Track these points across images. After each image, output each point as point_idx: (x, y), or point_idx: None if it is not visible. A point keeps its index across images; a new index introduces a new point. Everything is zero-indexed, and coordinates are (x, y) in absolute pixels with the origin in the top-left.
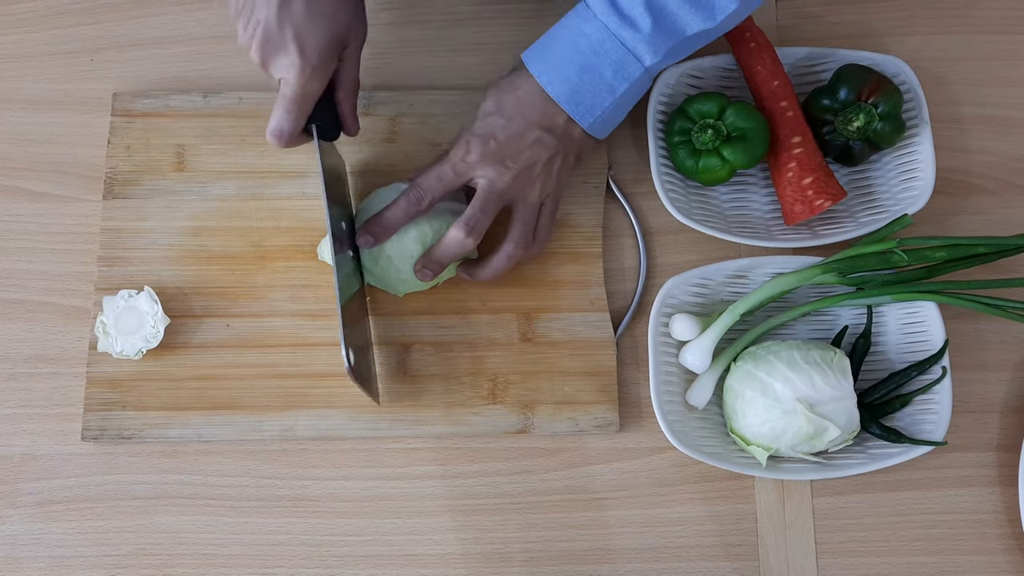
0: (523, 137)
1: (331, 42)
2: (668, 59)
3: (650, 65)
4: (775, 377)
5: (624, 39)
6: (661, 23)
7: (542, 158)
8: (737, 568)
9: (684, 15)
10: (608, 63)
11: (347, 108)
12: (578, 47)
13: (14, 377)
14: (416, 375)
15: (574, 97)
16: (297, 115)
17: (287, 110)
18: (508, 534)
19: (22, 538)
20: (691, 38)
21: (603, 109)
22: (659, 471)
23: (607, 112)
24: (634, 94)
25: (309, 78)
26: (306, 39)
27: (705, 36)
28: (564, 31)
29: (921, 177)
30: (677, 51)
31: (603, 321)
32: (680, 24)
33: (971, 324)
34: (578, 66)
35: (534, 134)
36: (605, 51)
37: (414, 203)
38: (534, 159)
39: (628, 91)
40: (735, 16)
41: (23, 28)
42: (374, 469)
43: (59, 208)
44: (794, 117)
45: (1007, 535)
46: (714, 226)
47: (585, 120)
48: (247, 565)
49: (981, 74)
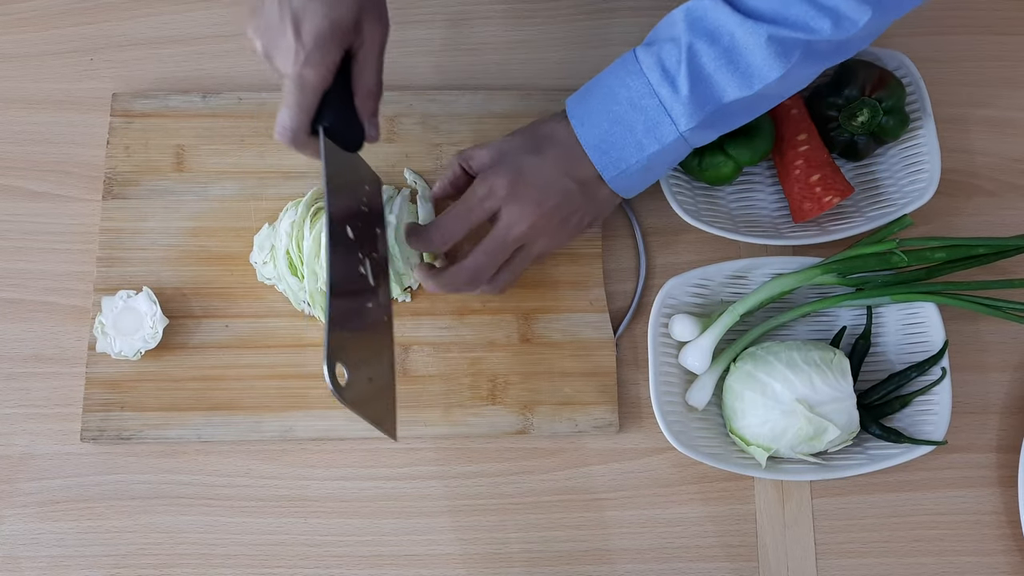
0: (553, 185)
1: (331, 28)
2: (707, 130)
3: (685, 131)
4: (775, 378)
5: (663, 97)
6: (698, 86)
7: (563, 212)
8: (737, 569)
9: (721, 79)
10: (642, 119)
11: (365, 112)
12: (617, 97)
13: (13, 377)
14: (416, 375)
15: (601, 146)
16: (296, 108)
17: (287, 103)
18: (507, 534)
19: (21, 538)
20: (728, 106)
21: (628, 165)
22: (659, 472)
23: (632, 170)
24: (666, 161)
25: (304, 64)
26: (302, 22)
27: (745, 107)
28: (608, 78)
29: (927, 169)
30: (716, 122)
31: (603, 322)
32: (716, 90)
33: (971, 325)
34: (612, 116)
35: (564, 183)
36: (643, 107)
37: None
38: (558, 211)
39: (659, 155)
40: (777, 88)
41: (23, 28)
42: (373, 469)
43: (58, 208)
44: (799, 115)
45: (1007, 536)
46: (721, 226)
47: (608, 172)
48: (246, 565)
49: (981, 75)
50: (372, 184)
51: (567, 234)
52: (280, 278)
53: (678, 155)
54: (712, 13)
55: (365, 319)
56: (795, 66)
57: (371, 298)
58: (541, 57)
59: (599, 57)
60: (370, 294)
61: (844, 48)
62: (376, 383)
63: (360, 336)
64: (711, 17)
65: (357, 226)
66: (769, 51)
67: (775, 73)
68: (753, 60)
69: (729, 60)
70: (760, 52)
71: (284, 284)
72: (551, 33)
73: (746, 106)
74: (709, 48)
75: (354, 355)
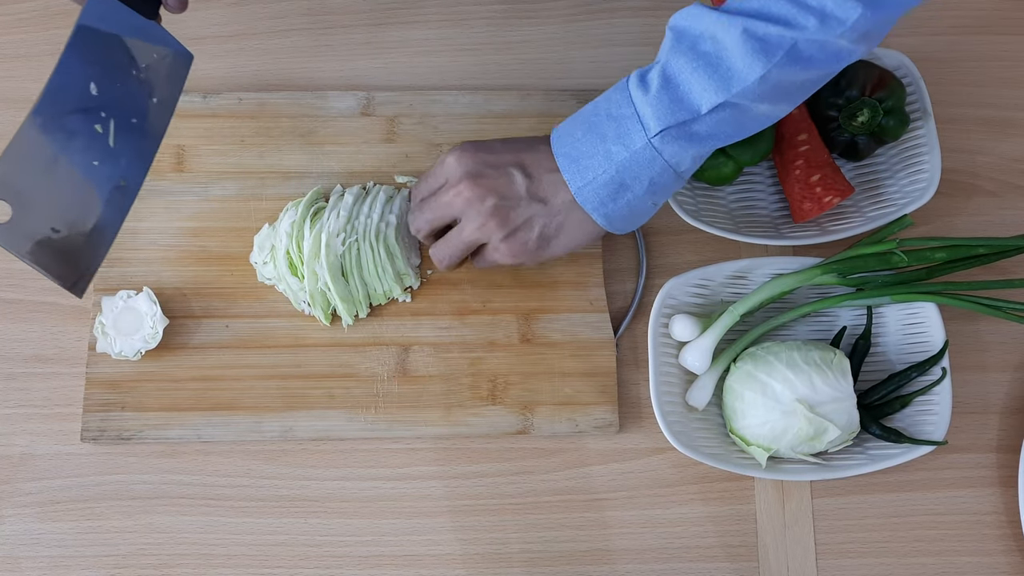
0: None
1: None
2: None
3: (655, 137)
4: (775, 378)
5: (636, 100)
6: (670, 85)
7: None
8: (737, 569)
9: (697, 82)
10: (614, 127)
11: None
12: (597, 109)
13: (13, 377)
14: (415, 376)
15: (571, 152)
16: None
17: None
18: (507, 535)
19: (21, 538)
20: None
21: (596, 175)
22: (659, 472)
23: (600, 182)
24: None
25: None
26: None
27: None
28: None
29: (927, 169)
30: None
31: (603, 322)
32: (692, 94)
33: (971, 325)
34: (588, 125)
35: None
36: (618, 116)
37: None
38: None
39: (629, 167)
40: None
41: (23, 28)
42: (373, 470)
43: None
44: (799, 115)
45: (1007, 536)
46: (721, 226)
47: (575, 181)
48: (246, 565)
49: (981, 75)
50: (171, 58)
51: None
52: (280, 278)
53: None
54: (694, 17)
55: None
56: (779, 68)
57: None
58: (541, 57)
59: (599, 57)
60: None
61: (837, 54)
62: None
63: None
64: (693, 21)
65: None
66: (746, 47)
67: (754, 72)
68: (732, 60)
69: (708, 62)
70: (737, 49)
71: (284, 284)
72: (551, 33)
73: (730, 120)
74: (689, 51)
75: (30, 198)
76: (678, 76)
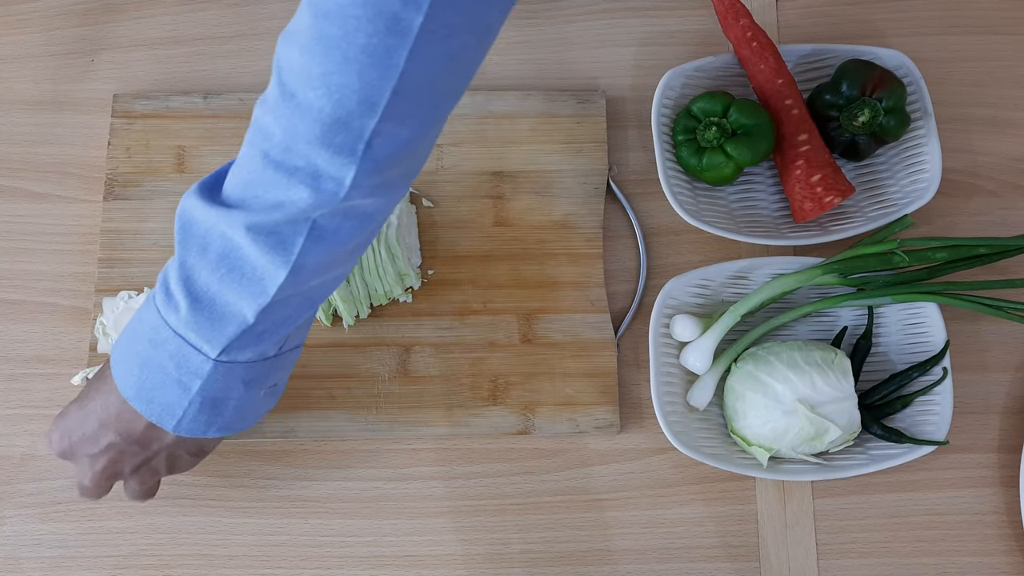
0: (97, 441)
1: None
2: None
3: (223, 357)
4: (776, 378)
5: (173, 325)
6: (201, 304)
7: (122, 468)
8: (738, 569)
9: (231, 294)
10: (167, 355)
11: None
12: (137, 333)
13: (14, 378)
14: (416, 376)
15: (141, 394)
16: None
17: None
18: (508, 535)
19: (22, 539)
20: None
21: (183, 410)
22: (660, 472)
23: (193, 412)
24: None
25: None
26: None
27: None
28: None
29: (928, 169)
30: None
31: (603, 322)
32: (226, 304)
33: (972, 325)
34: (141, 359)
35: (108, 438)
36: (162, 340)
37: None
38: (112, 469)
39: (215, 385)
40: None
41: (23, 28)
42: (374, 470)
43: (59, 209)
44: (799, 115)
45: (1008, 536)
46: (722, 226)
47: (167, 423)
48: (247, 566)
49: (982, 75)
50: None
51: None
52: None
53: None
54: (196, 213)
55: None
56: (308, 254)
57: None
58: (541, 57)
59: (599, 57)
60: None
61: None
62: None
63: None
64: (197, 219)
65: None
66: (257, 245)
67: (281, 271)
68: (253, 262)
69: (229, 268)
70: (252, 249)
71: None
72: (551, 33)
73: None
74: (201, 254)
75: None
76: (208, 291)
